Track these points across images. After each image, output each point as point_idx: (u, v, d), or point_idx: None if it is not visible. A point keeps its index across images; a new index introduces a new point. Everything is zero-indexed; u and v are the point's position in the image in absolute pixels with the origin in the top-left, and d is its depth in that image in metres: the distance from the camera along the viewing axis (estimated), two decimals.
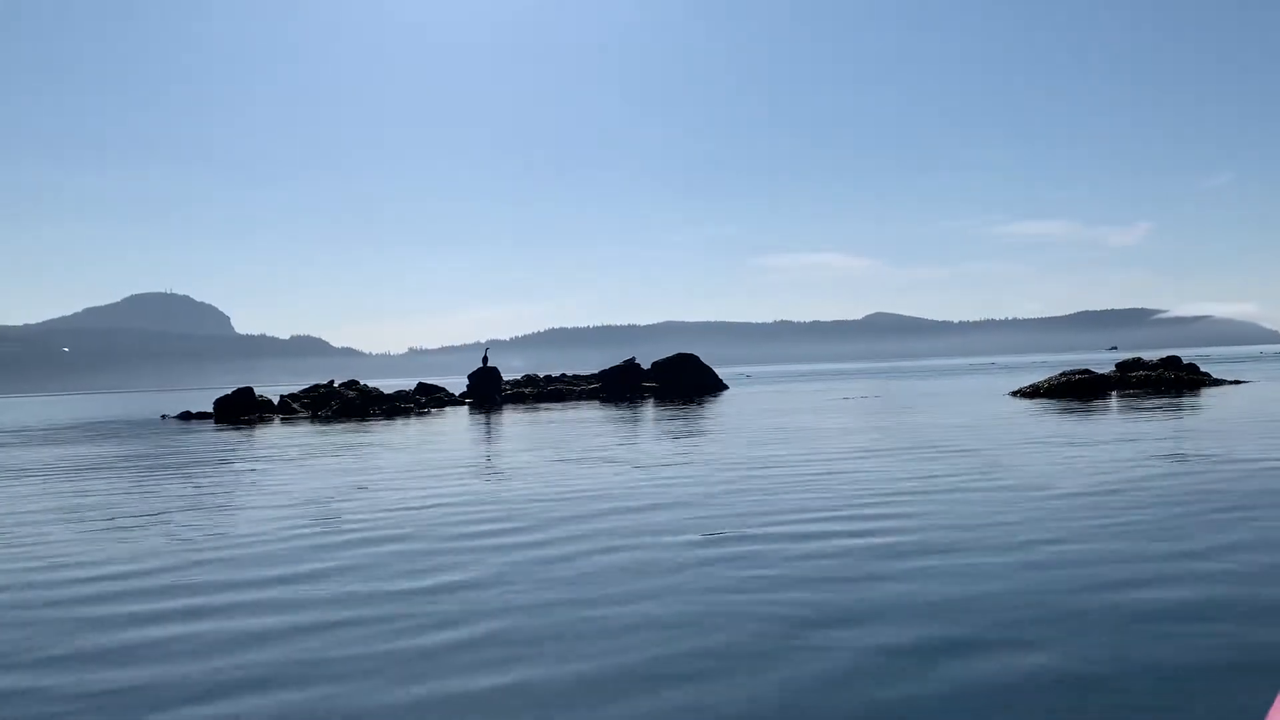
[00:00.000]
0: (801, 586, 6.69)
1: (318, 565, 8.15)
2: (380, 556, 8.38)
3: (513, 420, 31.56)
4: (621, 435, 22.40)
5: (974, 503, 9.98)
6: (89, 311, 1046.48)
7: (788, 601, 6.30)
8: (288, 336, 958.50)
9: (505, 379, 53.33)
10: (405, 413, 38.81)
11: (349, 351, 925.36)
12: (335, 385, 44.77)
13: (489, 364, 50.90)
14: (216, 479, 15.86)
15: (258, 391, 40.31)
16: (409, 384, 52.88)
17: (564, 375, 54.78)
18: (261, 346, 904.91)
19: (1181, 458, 13.15)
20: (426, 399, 43.45)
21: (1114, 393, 32.29)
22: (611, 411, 34.42)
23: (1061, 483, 11.12)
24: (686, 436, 21.24)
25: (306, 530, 9.97)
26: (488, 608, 6.44)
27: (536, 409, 39.29)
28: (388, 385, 57.47)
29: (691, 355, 52.11)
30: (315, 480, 14.88)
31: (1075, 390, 32.22)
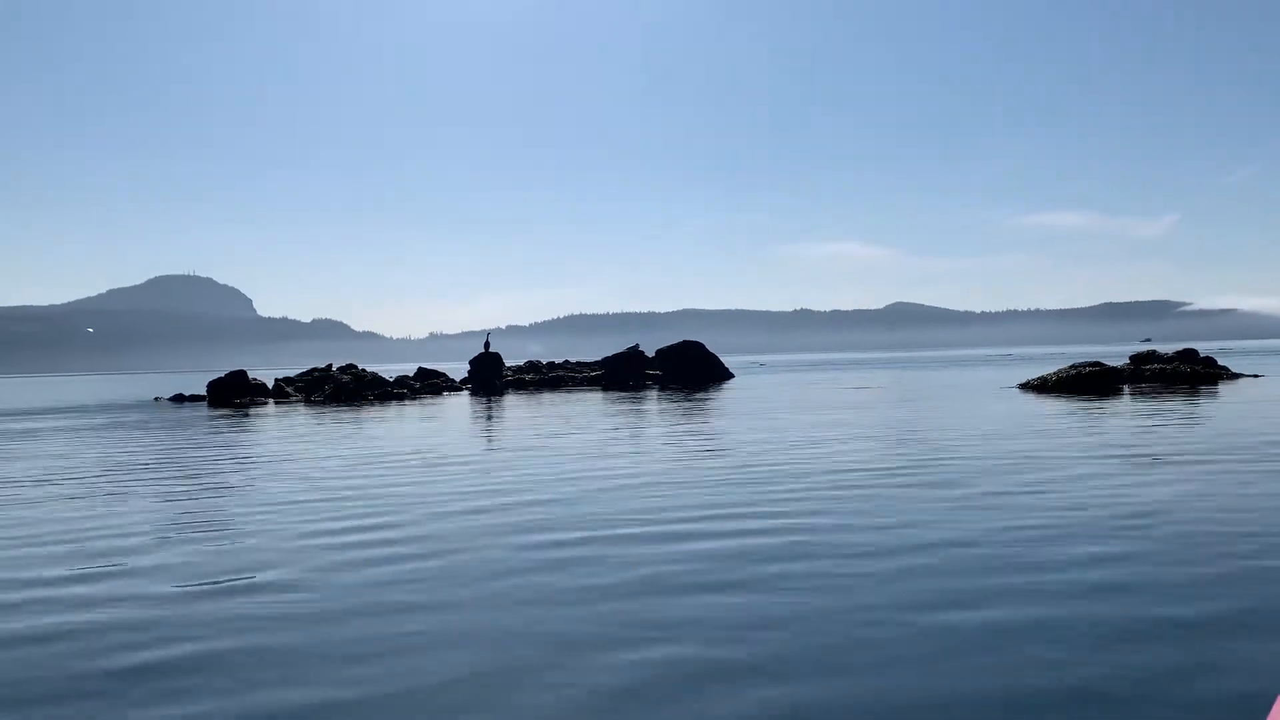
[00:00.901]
0: (611, 598, 6.05)
1: (116, 562, 7.58)
2: (193, 554, 7.81)
3: (497, 408, 30.80)
4: (589, 425, 21.55)
5: (871, 500, 9.50)
6: (113, 293, 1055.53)
7: (585, 618, 5.61)
8: (310, 320, 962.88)
9: (520, 364, 52.70)
10: (399, 398, 38.20)
11: (370, 335, 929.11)
12: (333, 369, 44.26)
13: (491, 349, 50.24)
14: (122, 461, 15.33)
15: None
16: (425, 367, 52.23)
17: (567, 362, 54.00)
18: (284, 329, 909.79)
19: (1123, 457, 12.36)
20: (423, 384, 42.80)
21: (1125, 387, 31.17)
22: (607, 400, 33.59)
23: (971, 481, 10.56)
24: (656, 425, 20.40)
25: (143, 522, 9.44)
26: (242, 622, 5.73)
27: (532, 396, 38.58)
28: (404, 369, 57.07)
29: (697, 343, 51.14)
30: (217, 467, 14.32)
31: (1084, 384, 31.09)
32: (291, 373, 51.28)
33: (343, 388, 38.17)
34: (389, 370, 60.34)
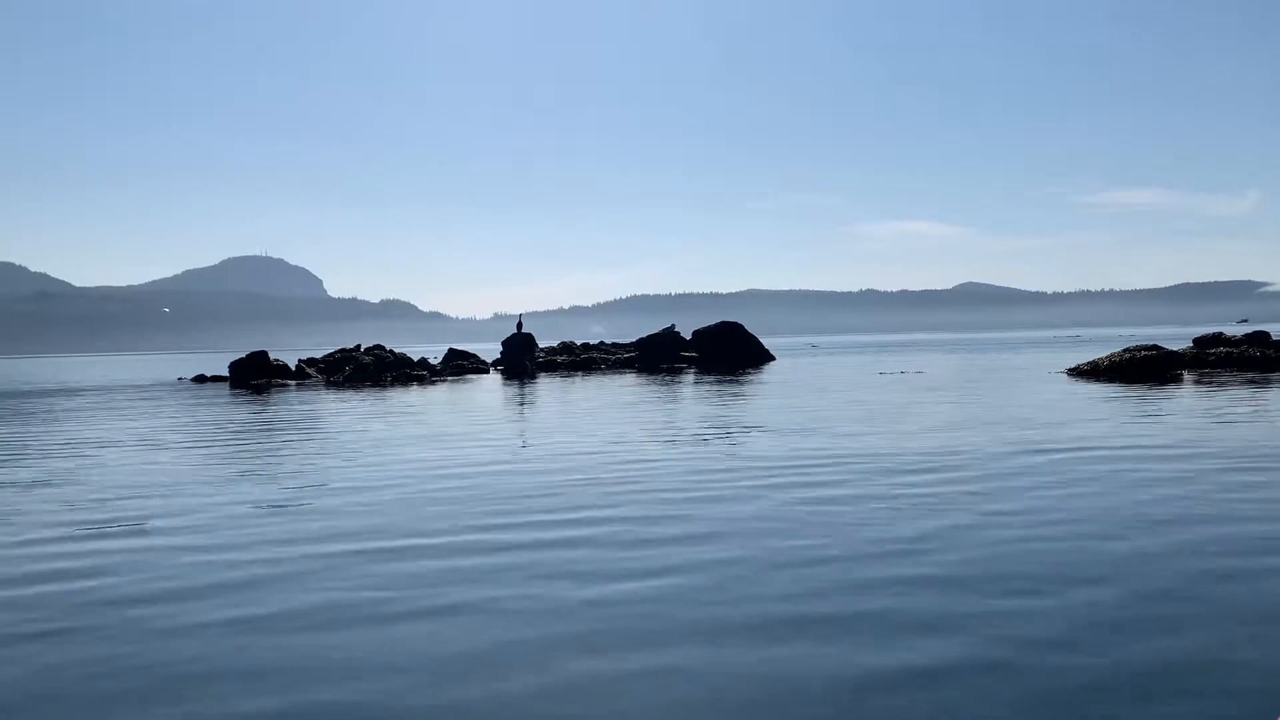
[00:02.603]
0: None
1: None
2: None
3: (508, 393, 29.63)
4: (576, 414, 20.16)
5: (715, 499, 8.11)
6: (189, 274, 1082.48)
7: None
8: (378, 300, 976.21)
9: (554, 344, 51.52)
10: (420, 380, 37.36)
11: (436, 315, 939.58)
12: (361, 349, 43.56)
13: (523, 330, 49.07)
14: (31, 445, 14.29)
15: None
16: (485, 347, 51.54)
17: (601, 343, 52.66)
18: (353, 310, 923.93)
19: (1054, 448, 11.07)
20: (447, 366, 41.91)
21: (1185, 372, 28.74)
22: (629, 384, 32.25)
23: (836, 481, 9.71)
24: (639, 411, 18.92)
25: None
26: None
27: (560, 378, 37.41)
28: (464, 349, 56.74)
29: (735, 324, 49.29)
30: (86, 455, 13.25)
31: (1137, 369, 28.72)
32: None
33: (362, 369, 37.36)
34: (403, 352, 59.60)
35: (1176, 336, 61.06)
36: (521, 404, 24.31)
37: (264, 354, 38.99)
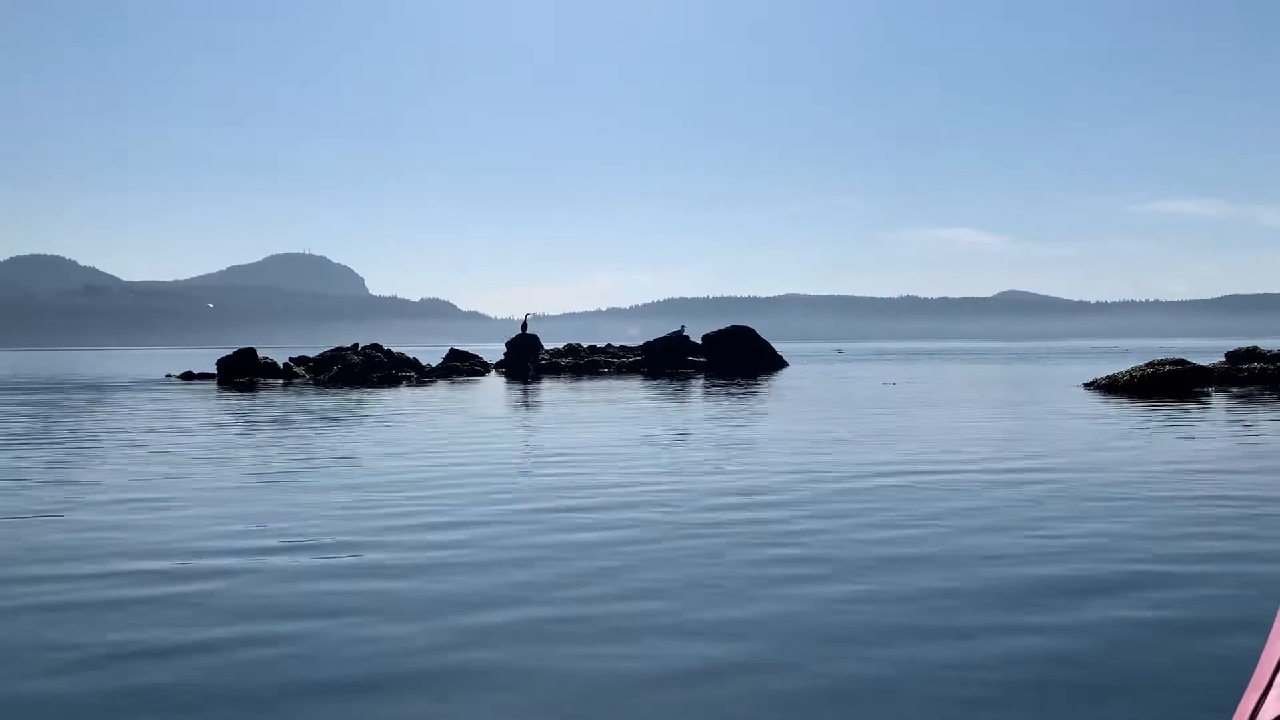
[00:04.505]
0: None
1: None
2: None
3: (480, 396, 28.26)
4: (510, 424, 18.65)
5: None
6: (233, 269, 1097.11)
7: None
8: (418, 299, 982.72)
9: (559, 346, 50.18)
10: (410, 381, 36.27)
11: (475, 315, 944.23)
12: (359, 348, 42.49)
13: (528, 331, 47.84)
14: None
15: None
16: (456, 348, 50.22)
17: (609, 346, 51.25)
18: (392, 308, 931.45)
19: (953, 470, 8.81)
20: (444, 367, 40.88)
21: (1213, 389, 26.73)
22: (625, 389, 30.81)
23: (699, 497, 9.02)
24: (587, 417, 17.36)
25: None
26: None
27: (564, 381, 36.13)
28: (488, 350, 55.86)
29: (746, 328, 47.67)
30: None
31: (1162, 384, 26.71)
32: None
33: (349, 369, 36.29)
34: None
35: (1219, 349, 58.40)
36: (463, 410, 22.95)
37: (252, 351, 38.08)
